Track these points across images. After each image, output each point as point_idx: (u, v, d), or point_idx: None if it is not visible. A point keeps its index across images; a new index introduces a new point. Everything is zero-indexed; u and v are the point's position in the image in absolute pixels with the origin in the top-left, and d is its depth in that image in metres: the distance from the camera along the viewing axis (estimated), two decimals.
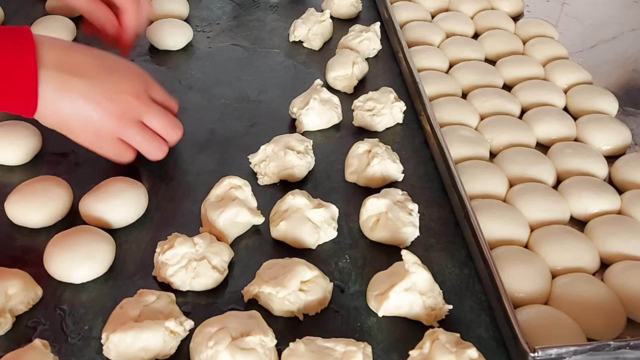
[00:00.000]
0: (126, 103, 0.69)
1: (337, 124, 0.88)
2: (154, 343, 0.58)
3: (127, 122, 0.70)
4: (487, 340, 0.63)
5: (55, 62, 0.65)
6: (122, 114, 0.69)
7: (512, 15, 1.13)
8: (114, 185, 0.72)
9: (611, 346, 0.57)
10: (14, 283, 0.62)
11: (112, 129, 0.69)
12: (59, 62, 0.66)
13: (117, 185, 0.73)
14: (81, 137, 0.70)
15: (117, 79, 0.70)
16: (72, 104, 0.66)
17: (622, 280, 0.67)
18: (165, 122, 0.74)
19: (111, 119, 0.68)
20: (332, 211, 0.72)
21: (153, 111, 0.72)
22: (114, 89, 0.68)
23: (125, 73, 0.71)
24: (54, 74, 0.65)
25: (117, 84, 0.69)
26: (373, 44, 1.02)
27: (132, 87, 0.70)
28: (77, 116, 0.67)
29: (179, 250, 0.65)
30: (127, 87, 0.70)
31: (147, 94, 0.72)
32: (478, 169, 0.80)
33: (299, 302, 0.63)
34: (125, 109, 0.69)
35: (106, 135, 0.70)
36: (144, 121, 0.72)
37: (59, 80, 0.65)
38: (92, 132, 0.69)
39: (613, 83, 1.00)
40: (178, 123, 0.76)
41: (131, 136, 0.71)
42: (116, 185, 0.72)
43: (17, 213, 0.71)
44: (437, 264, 0.70)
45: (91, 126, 0.68)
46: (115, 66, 0.71)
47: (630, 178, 0.80)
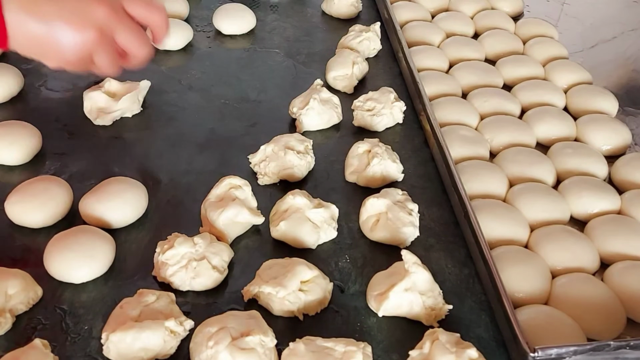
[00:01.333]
0: (99, 14, 0.63)
1: (337, 124, 0.88)
2: (154, 343, 0.58)
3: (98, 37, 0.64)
4: (487, 340, 0.63)
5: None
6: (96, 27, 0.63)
7: (512, 15, 1.14)
8: (114, 185, 0.72)
9: (611, 346, 0.57)
10: (14, 283, 0.62)
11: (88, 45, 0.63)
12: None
13: (117, 185, 0.73)
14: (58, 59, 0.65)
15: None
16: (43, 24, 0.61)
17: (622, 280, 0.67)
18: (137, 37, 0.67)
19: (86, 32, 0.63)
20: (332, 211, 0.72)
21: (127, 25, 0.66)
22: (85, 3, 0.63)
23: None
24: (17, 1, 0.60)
25: None
26: (373, 44, 1.02)
27: None
28: (51, 37, 0.62)
29: (179, 250, 0.65)
30: None
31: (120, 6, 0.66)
32: (478, 169, 0.80)
33: (299, 302, 0.63)
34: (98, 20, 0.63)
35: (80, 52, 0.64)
36: (116, 36, 0.65)
37: (24, 4, 0.60)
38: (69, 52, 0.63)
39: (613, 83, 1.00)
40: (147, 40, 0.69)
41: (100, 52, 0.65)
42: (116, 185, 0.72)
43: (17, 213, 0.71)
44: (437, 264, 0.70)
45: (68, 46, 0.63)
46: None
47: (630, 178, 0.80)
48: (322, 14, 1.14)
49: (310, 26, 1.10)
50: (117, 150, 0.83)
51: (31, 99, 0.90)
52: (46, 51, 0.64)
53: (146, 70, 0.96)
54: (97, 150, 0.82)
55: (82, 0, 0.63)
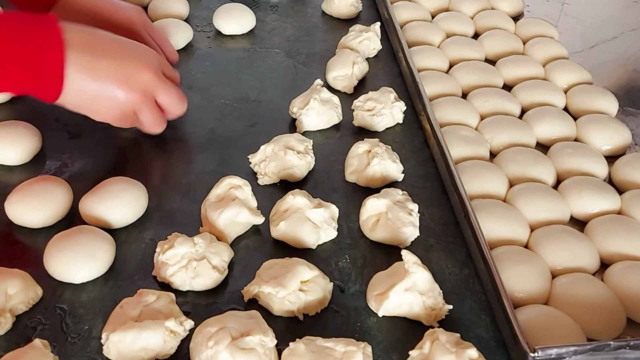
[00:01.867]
0: (146, 79, 0.73)
1: (337, 124, 0.88)
2: (154, 343, 0.58)
3: (146, 98, 0.74)
4: (487, 340, 0.63)
5: (80, 45, 0.68)
6: (143, 90, 0.73)
7: (512, 15, 1.13)
8: (114, 185, 0.72)
9: (611, 346, 0.57)
10: (14, 283, 0.62)
11: (133, 104, 0.73)
12: (84, 44, 0.69)
13: (117, 185, 0.73)
14: (104, 115, 0.74)
15: (137, 58, 0.73)
16: (98, 84, 0.69)
17: (622, 280, 0.67)
18: (175, 96, 0.78)
19: (134, 95, 0.72)
20: (332, 211, 0.72)
21: (167, 87, 0.76)
22: (136, 66, 0.72)
23: (143, 52, 0.75)
24: (80, 57, 0.68)
25: (138, 62, 0.73)
26: (373, 44, 1.02)
27: (151, 64, 0.74)
28: (103, 96, 0.71)
29: (179, 250, 0.65)
30: (146, 64, 0.73)
31: (161, 70, 0.76)
32: (478, 169, 0.80)
33: (299, 302, 0.63)
34: (145, 84, 0.73)
35: (126, 111, 0.73)
36: (157, 96, 0.75)
37: (85, 61, 0.68)
38: (116, 109, 0.72)
39: (613, 83, 1.00)
40: (184, 96, 0.80)
41: (145, 113, 0.75)
42: (116, 185, 0.73)
43: (17, 213, 0.71)
44: (437, 264, 0.70)
45: (116, 104, 0.72)
46: (134, 46, 0.75)
47: (630, 178, 0.80)
48: (322, 14, 1.14)
49: (310, 26, 1.10)
50: (117, 150, 0.83)
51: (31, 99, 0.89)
52: (94, 107, 0.73)
53: None
54: (97, 150, 0.82)
55: (132, 63, 0.72)
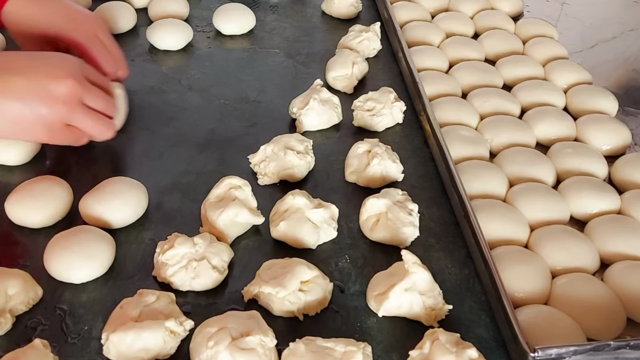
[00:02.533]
0: (67, 87, 0.68)
1: (337, 124, 0.88)
2: (154, 343, 0.58)
3: (73, 107, 0.69)
4: (487, 340, 0.63)
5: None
6: (66, 99, 0.68)
7: (512, 15, 1.13)
8: (114, 185, 0.72)
9: (611, 346, 0.57)
10: (14, 283, 0.62)
11: (62, 117, 0.68)
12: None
13: (117, 185, 0.73)
14: (34, 134, 0.70)
15: (52, 67, 0.69)
16: (18, 103, 0.65)
17: (622, 280, 0.67)
18: (104, 101, 0.73)
19: (58, 106, 0.67)
20: (332, 211, 0.72)
21: (92, 91, 0.71)
22: (53, 77, 0.67)
23: (57, 60, 0.70)
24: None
25: (53, 71, 0.68)
26: (373, 44, 1.02)
27: (69, 71, 0.69)
28: (26, 114, 0.66)
29: (179, 250, 0.65)
30: (64, 72, 0.69)
31: (83, 75, 0.71)
32: (478, 169, 0.80)
33: (299, 302, 0.63)
34: (67, 93, 0.68)
35: (57, 125, 0.69)
36: (86, 102, 0.71)
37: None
38: (43, 125, 0.68)
39: (613, 83, 1.00)
40: (113, 101, 0.76)
41: (80, 120, 0.71)
42: (116, 185, 0.73)
43: (17, 213, 0.71)
44: (437, 264, 0.70)
45: (41, 120, 0.67)
46: (48, 58, 0.70)
47: (630, 178, 0.80)
48: (322, 14, 1.14)
49: (310, 26, 1.10)
50: (117, 150, 0.83)
51: None
52: (22, 129, 0.68)
53: (146, 70, 0.97)
54: (97, 150, 0.82)
55: (48, 75, 0.68)
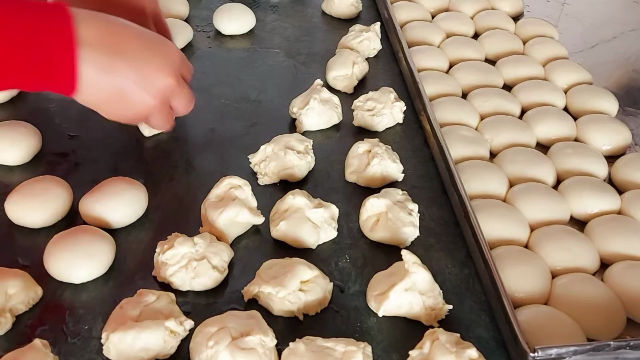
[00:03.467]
0: (164, 85, 0.68)
1: (337, 124, 0.88)
2: (154, 343, 0.58)
3: (160, 105, 0.69)
4: (487, 340, 0.63)
5: (95, 41, 0.62)
6: (161, 97, 0.68)
7: (512, 15, 1.13)
8: (114, 185, 0.72)
9: (611, 346, 0.57)
10: (14, 283, 0.62)
11: (149, 110, 0.69)
12: (99, 40, 0.62)
13: (117, 185, 0.73)
14: (117, 116, 0.69)
15: (158, 59, 0.68)
16: (115, 86, 0.65)
17: (622, 280, 0.67)
18: (187, 99, 0.74)
19: (149, 100, 0.67)
20: (332, 211, 0.72)
21: (182, 93, 0.72)
22: (154, 70, 0.67)
23: (165, 52, 0.70)
24: (95, 55, 0.62)
25: (158, 64, 0.68)
26: (373, 44, 1.02)
27: (171, 68, 0.69)
28: (119, 98, 0.66)
29: (179, 250, 0.65)
30: (167, 68, 0.68)
31: (180, 73, 0.71)
32: (478, 169, 0.80)
33: (299, 302, 0.63)
34: (162, 91, 0.68)
35: (139, 115, 0.70)
36: (172, 101, 0.71)
37: (100, 60, 0.63)
38: (128, 111, 0.68)
39: (613, 83, 1.00)
40: (193, 97, 0.75)
41: (157, 117, 0.71)
42: (116, 185, 0.72)
43: (17, 213, 0.71)
44: (437, 264, 0.70)
45: (129, 106, 0.67)
46: (155, 44, 0.70)
47: (630, 178, 0.80)
48: (322, 14, 1.14)
49: (310, 26, 1.10)
50: (117, 150, 0.83)
51: (31, 99, 0.90)
52: (108, 108, 0.68)
53: None
54: (97, 150, 0.82)
55: (154, 67, 0.67)
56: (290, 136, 0.80)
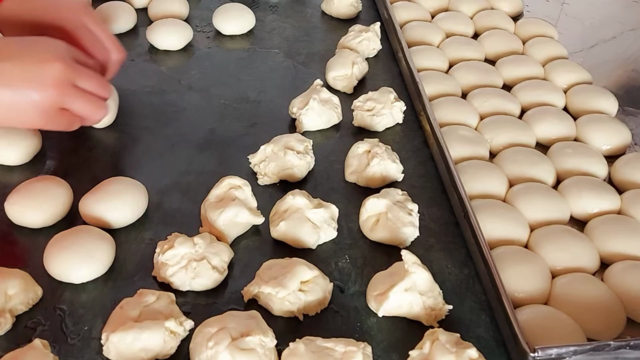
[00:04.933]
0: (57, 70, 0.66)
1: (337, 124, 0.88)
2: (154, 343, 0.58)
3: (64, 89, 0.67)
4: (487, 340, 0.63)
5: None
6: (57, 83, 0.66)
7: (512, 15, 1.14)
8: (114, 185, 0.72)
9: (611, 346, 0.57)
10: (14, 283, 0.62)
11: (54, 100, 0.66)
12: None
13: (117, 185, 0.73)
14: (28, 120, 0.68)
15: (40, 51, 0.66)
16: (8, 90, 0.64)
17: (622, 280, 0.67)
18: (95, 81, 0.71)
19: (49, 90, 0.65)
20: (332, 211, 0.72)
21: (83, 72, 0.69)
22: (41, 61, 0.65)
23: (44, 44, 0.68)
24: None
25: (42, 55, 0.66)
26: (373, 44, 1.02)
27: (57, 53, 0.67)
28: (18, 101, 0.65)
29: (179, 250, 0.65)
30: (52, 55, 0.66)
31: (72, 57, 0.69)
32: (478, 169, 0.80)
33: (299, 302, 0.63)
34: (58, 76, 0.66)
35: (50, 110, 0.67)
36: (79, 83, 0.69)
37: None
38: (36, 110, 0.66)
39: (613, 83, 1.00)
40: (105, 81, 0.73)
41: (73, 102, 0.68)
42: (116, 185, 0.73)
43: (17, 213, 0.71)
44: (437, 264, 0.70)
45: (34, 105, 0.65)
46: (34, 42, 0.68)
47: (630, 178, 0.80)
48: (321, 14, 1.14)
49: (310, 26, 1.10)
50: (117, 150, 0.83)
51: None
52: (15, 116, 0.66)
53: (146, 70, 0.97)
54: (97, 150, 0.82)
55: (37, 59, 0.65)
56: (290, 136, 0.80)
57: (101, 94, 0.72)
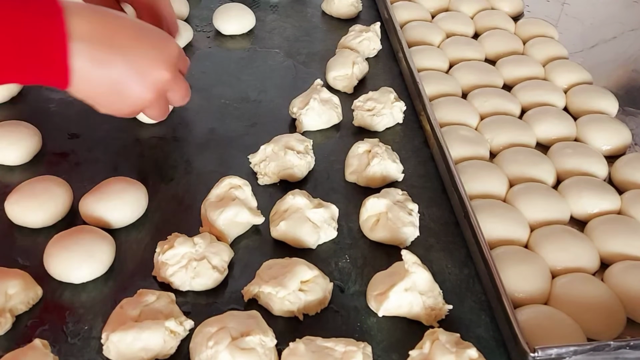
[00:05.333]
0: (160, 79, 0.66)
1: (337, 124, 0.88)
2: (154, 343, 0.58)
3: (158, 97, 0.67)
4: (487, 340, 0.63)
5: (87, 34, 0.60)
6: (158, 91, 0.66)
7: (512, 15, 1.14)
8: (114, 185, 0.72)
9: (611, 346, 0.57)
10: (14, 283, 0.62)
11: (146, 103, 0.67)
12: (92, 33, 0.61)
13: (117, 185, 0.73)
14: (113, 110, 0.67)
15: (153, 52, 0.66)
16: (110, 79, 0.63)
17: (622, 280, 0.67)
18: (183, 92, 0.71)
19: (148, 95, 0.66)
20: (332, 211, 0.72)
21: (178, 85, 0.70)
22: (150, 64, 0.65)
23: (160, 44, 0.68)
24: (88, 49, 0.60)
25: (153, 57, 0.66)
26: (373, 44, 1.02)
27: (167, 60, 0.67)
28: (115, 91, 0.64)
29: (179, 250, 0.65)
30: (162, 61, 0.66)
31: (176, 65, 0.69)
32: (478, 169, 0.80)
33: (299, 302, 0.63)
34: (160, 86, 0.66)
35: (138, 109, 0.68)
36: (168, 94, 0.69)
37: (94, 55, 0.61)
38: (124, 104, 0.66)
39: (613, 83, 1.00)
40: (189, 89, 0.73)
41: (153, 109, 0.69)
42: (116, 185, 0.72)
43: (17, 213, 0.71)
44: (437, 264, 0.70)
45: (125, 99, 0.65)
46: (150, 36, 0.67)
47: (630, 178, 0.80)
48: (322, 14, 1.14)
49: (310, 26, 1.10)
50: (117, 150, 0.83)
51: (31, 99, 0.90)
52: (104, 102, 0.66)
53: None
54: (97, 150, 0.82)
55: (150, 60, 0.65)
56: (290, 136, 0.80)
57: (179, 104, 0.73)
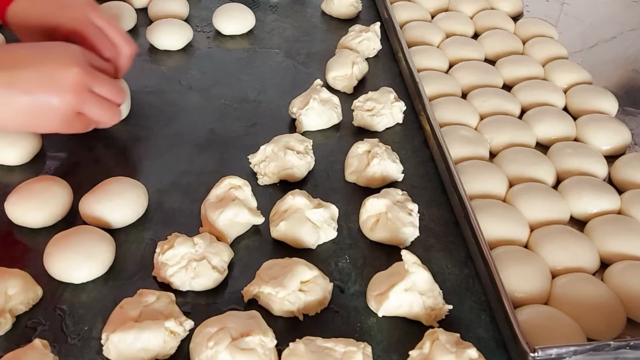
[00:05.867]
0: (75, 75, 0.67)
1: (337, 124, 0.88)
2: (154, 343, 0.58)
3: (82, 94, 0.68)
4: (487, 340, 0.63)
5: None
6: (75, 88, 0.67)
7: (512, 15, 1.14)
8: (114, 185, 0.72)
9: (611, 346, 0.57)
10: (14, 283, 0.62)
11: (72, 105, 0.68)
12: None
13: (117, 185, 0.73)
14: (47, 125, 0.69)
15: (57, 57, 0.68)
16: (28, 96, 0.65)
17: (622, 280, 0.67)
18: (110, 87, 0.72)
19: (67, 95, 0.67)
20: (332, 211, 0.72)
21: (99, 78, 0.70)
22: (59, 67, 0.67)
23: (61, 51, 0.69)
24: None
25: (59, 60, 0.67)
26: (373, 44, 1.02)
27: (73, 58, 0.68)
28: (37, 106, 0.66)
29: (179, 250, 0.65)
30: (69, 60, 0.68)
31: (88, 62, 0.70)
32: (478, 169, 0.80)
33: (298, 302, 0.63)
34: (75, 82, 0.67)
35: (68, 114, 0.68)
36: (95, 89, 0.70)
37: (5, 78, 0.64)
38: (55, 115, 0.67)
39: (613, 83, 1.00)
40: (120, 87, 0.74)
41: (89, 107, 0.70)
42: (116, 185, 0.73)
43: (17, 213, 0.71)
44: (437, 264, 0.70)
45: (53, 111, 0.67)
46: (51, 48, 0.69)
47: (630, 178, 0.80)
48: (321, 14, 1.14)
49: (310, 26, 1.10)
50: (117, 150, 0.83)
51: None
52: (34, 121, 0.67)
53: (146, 70, 0.97)
54: (97, 150, 0.82)
55: (54, 64, 0.66)
56: (290, 136, 0.80)
57: (116, 100, 0.73)
